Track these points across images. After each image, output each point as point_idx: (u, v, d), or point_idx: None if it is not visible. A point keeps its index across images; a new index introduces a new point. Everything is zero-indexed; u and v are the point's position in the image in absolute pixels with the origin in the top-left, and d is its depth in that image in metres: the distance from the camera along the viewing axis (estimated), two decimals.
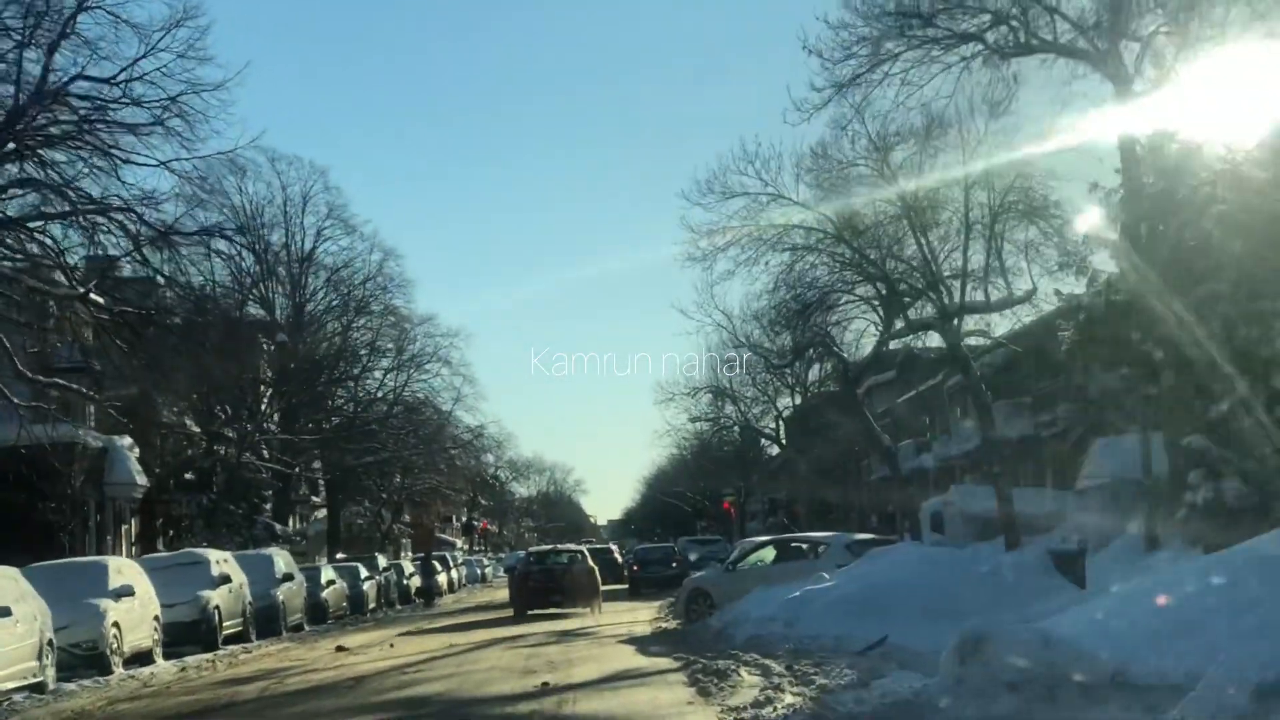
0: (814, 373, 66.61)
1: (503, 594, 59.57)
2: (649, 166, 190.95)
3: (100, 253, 31.98)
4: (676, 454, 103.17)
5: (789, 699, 14.18)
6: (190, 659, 24.91)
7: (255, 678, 21.02)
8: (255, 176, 56.16)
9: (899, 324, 40.74)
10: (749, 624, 22.38)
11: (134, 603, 23.80)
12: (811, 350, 49.52)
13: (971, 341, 39.60)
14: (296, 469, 58.09)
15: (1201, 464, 20.97)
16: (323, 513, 75.02)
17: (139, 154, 30.55)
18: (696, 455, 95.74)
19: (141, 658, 23.97)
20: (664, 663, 19.35)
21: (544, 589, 35.31)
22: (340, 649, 26.16)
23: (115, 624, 22.60)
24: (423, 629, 32.38)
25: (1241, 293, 18.52)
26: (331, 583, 37.74)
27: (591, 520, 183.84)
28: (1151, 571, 18.70)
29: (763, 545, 26.98)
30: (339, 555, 56.76)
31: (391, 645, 26.43)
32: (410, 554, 78.99)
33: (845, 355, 46.66)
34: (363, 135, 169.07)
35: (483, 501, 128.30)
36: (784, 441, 69.84)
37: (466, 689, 17.16)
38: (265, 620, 30.84)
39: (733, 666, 17.63)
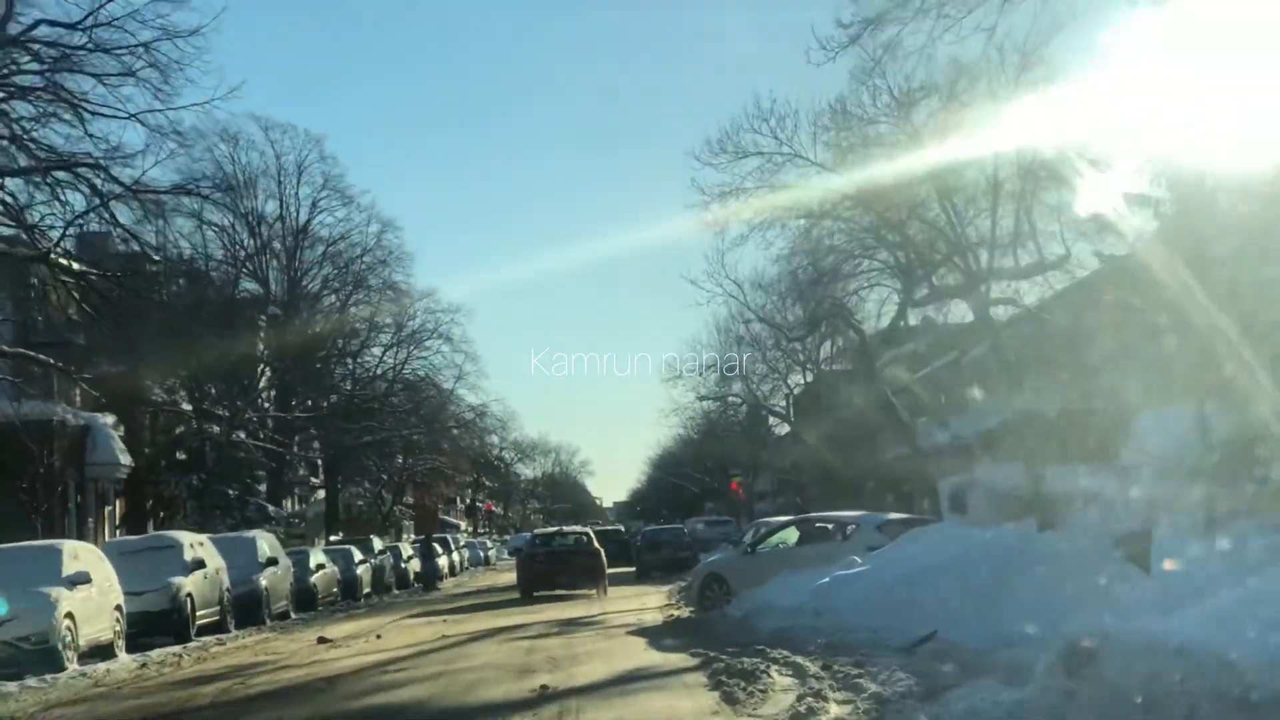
0: (826, 350, 64.30)
1: (506, 578, 57.22)
2: (657, 129, 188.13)
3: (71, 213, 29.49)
4: (683, 434, 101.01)
5: (835, 710, 11.71)
6: (156, 653, 22.47)
7: (219, 676, 18.56)
8: (248, 146, 53.85)
9: (922, 291, 38.25)
10: (774, 614, 19.90)
11: (91, 591, 21.36)
12: (824, 325, 47.04)
13: (1000, 310, 37.14)
14: (293, 448, 55.67)
15: (1267, 437, 18.61)
16: (322, 494, 72.70)
17: (108, 107, 28.06)
18: (704, 435, 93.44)
19: (102, 651, 21.57)
20: (680, 660, 16.88)
21: (550, 571, 34.88)
22: (323, 640, 23.70)
23: (69, 615, 20.18)
24: (416, 617, 29.94)
25: None
26: (321, 567, 35.33)
27: (597, 502, 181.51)
28: (1236, 555, 16.25)
29: (784, 526, 24.39)
30: (336, 538, 54.32)
31: (379, 636, 23.98)
32: (412, 536, 76.71)
33: (862, 327, 44.19)
34: (358, 105, 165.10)
35: (487, 483, 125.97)
36: (793, 420, 67.33)
37: (452, 694, 14.68)
38: (246, 608, 28.43)
39: (760, 666, 15.15)
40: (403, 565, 46.89)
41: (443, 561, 56.41)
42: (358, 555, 39.76)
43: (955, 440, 49.46)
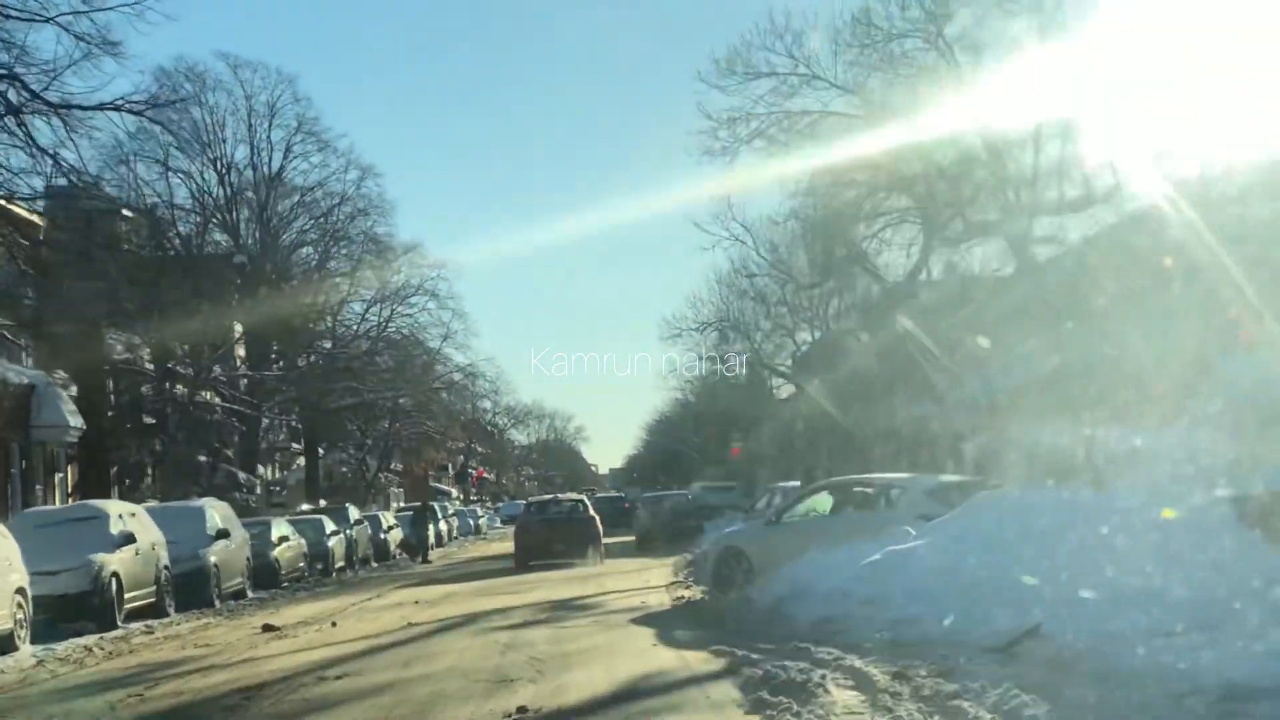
0: (834, 306, 60.32)
1: (497, 547, 53.38)
2: (663, 62, 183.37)
3: None
4: (681, 398, 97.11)
5: None
6: (62, 646, 18.51)
7: (122, 680, 14.63)
8: (215, 86, 49.70)
9: (955, 227, 34.31)
10: (812, 600, 15.97)
11: None
12: (840, 271, 43.01)
13: (1042, 250, 33.26)
14: (267, 411, 51.70)
15: None
16: (305, 460, 68.76)
17: (24, 11, 24.00)
18: (702, 398, 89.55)
19: (1, 643, 17.67)
20: (699, 660, 13.01)
21: (545, 539, 34.29)
22: (268, 628, 19.78)
23: None
24: (387, 595, 26.04)
25: None
26: (284, 540, 31.37)
27: (593, 469, 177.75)
28: None
29: (815, 491, 20.36)
30: (306, 507, 50.20)
31: (334, 624, 20.05)
32: (401, 504, 72.81)
33: (882, 274, 40.23)
34: (335, 48, 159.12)
35: (480, 449, 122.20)
36: (798, 379, 63.33)
37: None
38: (191, 588, 24.50)
39: (811, 674, 11.22)
40: (382, 536, 42.96)
41: (429, 531, 52.51)
42: (330, 526, 35.81)
43: (987, 394, 45.53)
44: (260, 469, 63.36)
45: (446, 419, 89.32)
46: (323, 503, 70.77)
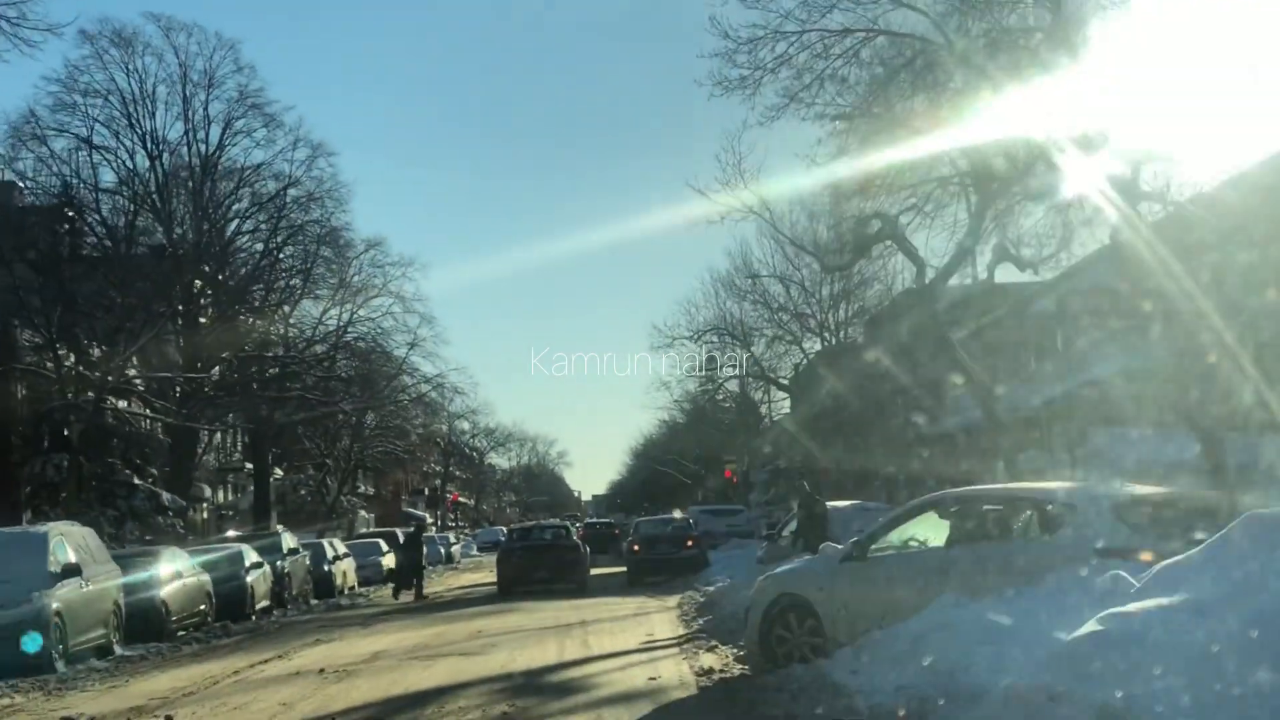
0: (844, 312, 53.18)
1: (468, 579, 46.02)
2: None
3: None
4: (669, 419, 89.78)
5: None
6: None
7: None
8: (144, 50, 42.37)
9: (1031, 179, 27.10)
10: (973, 703, 8.64)
11: None
12: (873, 249, 35.66)
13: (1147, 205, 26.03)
14: (205, 423, 44.14)
15: None
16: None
17: None
18: (692, 417, 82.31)
19: None
20: None
21: (529, 566, 32.55)
22: None
23: None
24: (292, 657, 18.55)
25: None
26: (178, 576, 23.82)
27: (576, 495, 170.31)
28: None
29: (917, 511, 12.87)
30: (255, 531, 42.61)
31: (169, 718, 12.64)
32: (368, 529, 65.14)
33: (919, 256, 32.93)
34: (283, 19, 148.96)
35: (459, 474, 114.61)
36: (800, 392, 56.07)
37: None
38: (9, 648, 17.06)
39: None
40: (327, 568, 35.40)
41: (387, 560, 45.02)
42: (251, 557, 28.27)
43: (1044, 403, 38.12)
44: (206, 490, 55.94)
45: (422, 439, 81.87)
46: (282, 529, 63.46)
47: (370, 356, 52.67)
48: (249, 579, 27.57)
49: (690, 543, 33.61)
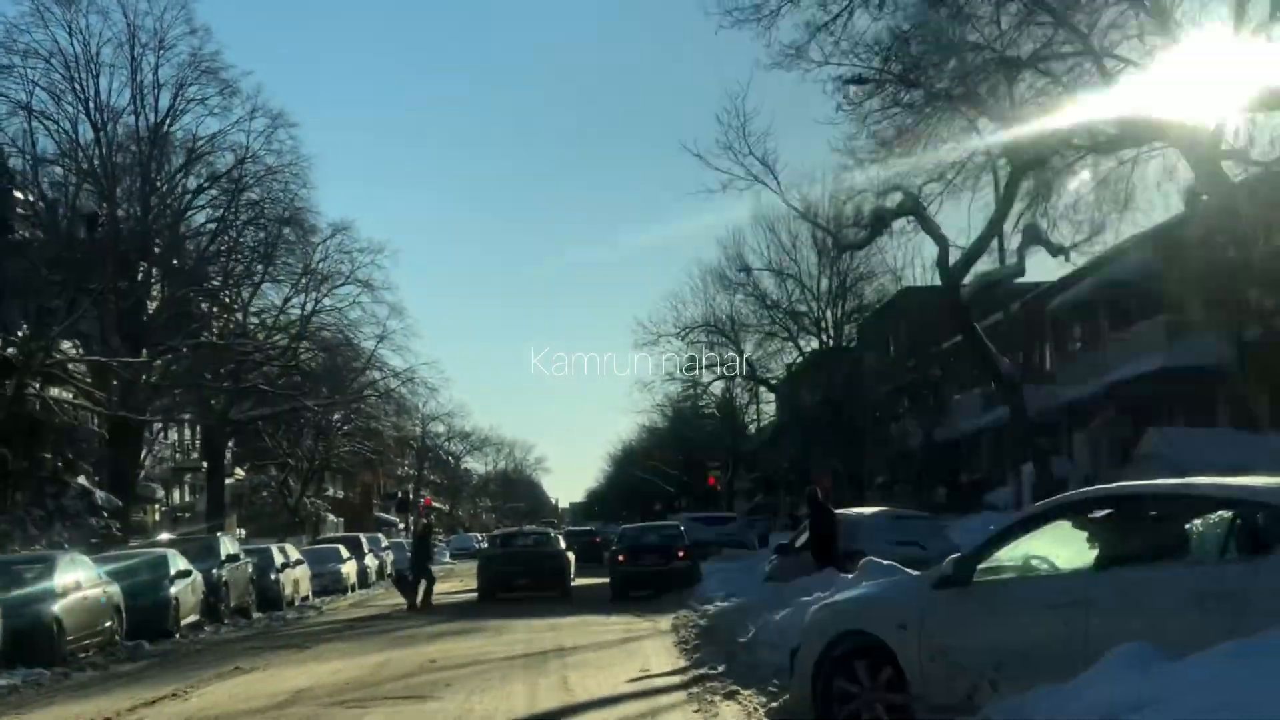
0: (844, 307, 49.31)
1: (437, 589, 41.84)
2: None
3: None
4: (650, 424, 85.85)
5: None
6: None
7: None
8: (88, 8, 38.22)
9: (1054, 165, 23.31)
10: None
11: None
12: (866, 246, 31.76)
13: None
14: (150, 415, 39.96)
15: None
16: (229, 481, 56.94)
17: None
18: (675, 421, 78.40)
19: None
20: None
21: (510, 573, 31.29)
22: None
23: None
24: (192, 694, 14.49)
25: None
26: (76, 588, 19.67)
27: (554, 502, 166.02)
28: None
29: (1044, 517, 8.89)
30: (206, 532, 38.40)
31: None
32: (336, 533, 60.85)
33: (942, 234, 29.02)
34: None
35: (434, 478, 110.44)
36: (794, 395, 52.17)
37: None
38: None
39: None
40: (274, 576, 31.21)
41: (347, 568, 40.91)
42: (178, 565, 24.15)
43: (1081, 399, 34.16)
44: (157, 490, 51.72)
45: (396, 441, 77.66)
46: (241, 532, 59.16)
47: (336, 349, 48.54)
48: (173, 590, 23.43)
49: (682, 553, 29.55)
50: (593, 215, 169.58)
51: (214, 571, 26.65)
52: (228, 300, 43.31)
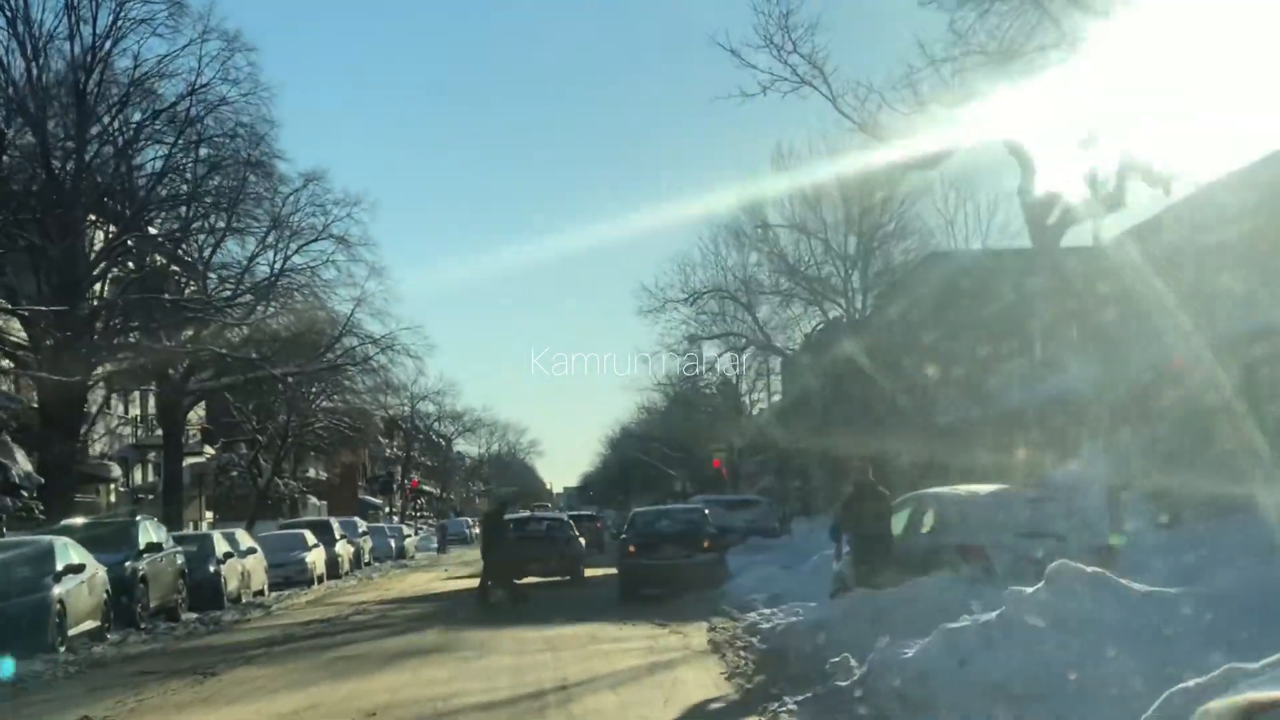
0: (876, 265, 43.51)
1: (417, 581, 36.37)
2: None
3: None
4: (648, 405, 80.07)
5: None
6: None
7: None
8: None
9: None
10: None
11: None
12: (939, 165, 25.78)
13: None
14: (89, 382, 34.17)
15: None
16: (202, 459, 51.31)
17: None
18: (674, 403, 72.81)
19: None
20: None
21: (520, 561, 27.12)
22: None
23: None
24: None
25: None
26: None
27: (547, 487, 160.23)
28: None
29: None
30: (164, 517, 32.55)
31: None
32: (319, 516, 55.09)
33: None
34: None
35: (425, 460, 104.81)
36: (816, 365, 46.31)
37: None
38: None
39: None
40: (214, 569, 25.40)
41: (314, 556, 35.15)
42: (68, 558, 18.40)
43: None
44: (113, 469, 45.96)
45: (385, 421, 71.99)
46: (209, 515, 53.41)
47: (308, 312, 42.65)
48: (57, 590, 17.66)
49: (707, 544, 23.75)
50: (598, 176, 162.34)
51: (127, 564, 20.89)
52: (180, 252, 37.42)
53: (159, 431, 50.39)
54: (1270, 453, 19.41)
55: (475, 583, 25.88)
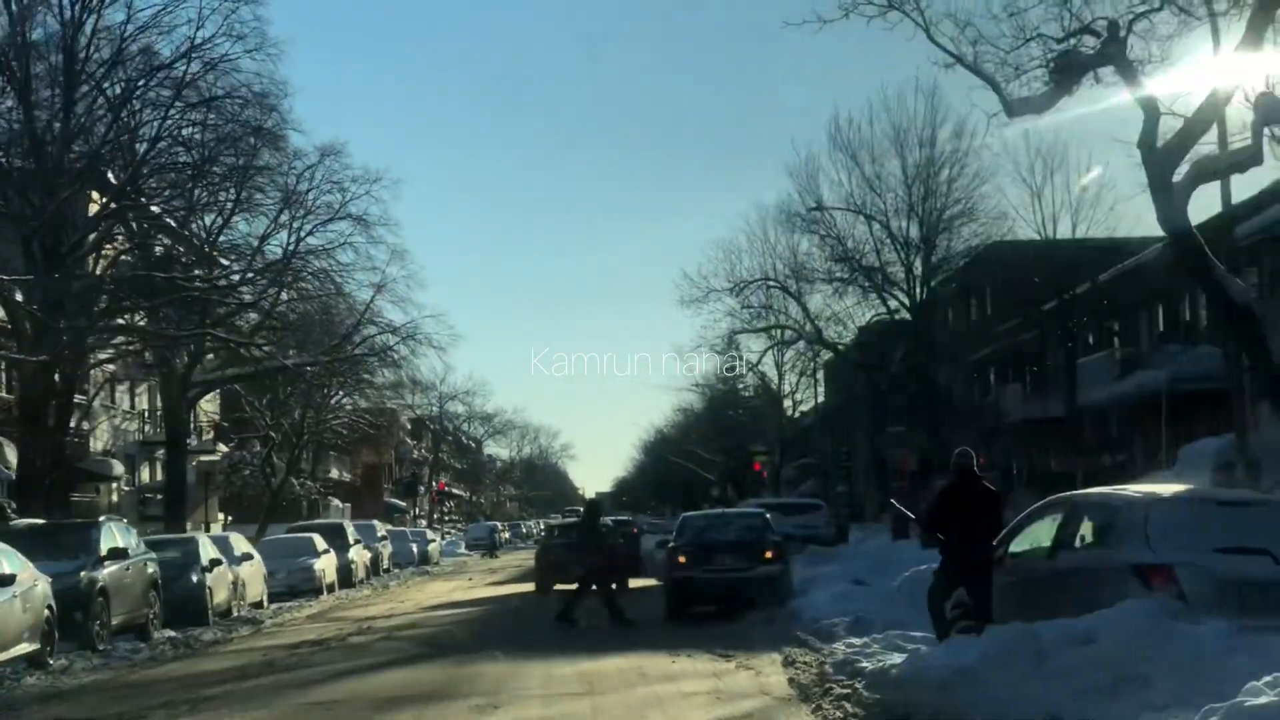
0: (945, 247, 39.70)
1: (439, 590, 32.98)
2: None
3: None
4: (685, 408, 76.60)
5: None
6: None
7: None
8: None
9: None
10: None
11: None
12: (1046, 110, 22.03)
13: None
14: (88, 366, 30.85)
15: None
16: (215, 456, 47.98)
17: None
18: (714, 403, 69.13)
19: None
20: None
21: (568, 564, 25.11)
22: None
23: None
24: None
25: None
26: None
27: (579, 491, 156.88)
28: None
29: None
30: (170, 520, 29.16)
31: None
32: (341, 520, 51.64)
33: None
34: None
35: (455, 463, 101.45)
36: (879, 357, 42.50)
37: None
38: None
39: None
40: (196, 579, 21.81)
41: (323, 563, 31.69)
42: (5, 566, 14.95)
43: None
44: (116, 467, 42.58)
45: (404, 416, 68.59)
46: (222, 518, 50.09)
47: (323, 299, 39.19)
48: None
49: (770, 553, 20.09)
50: (636, 170, 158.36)
51: (82, 574, 17.42)
52: (178, 227, 34.01)
53: (150, 428, 47.22)
54: None
55: (496, 591, 22.47)
